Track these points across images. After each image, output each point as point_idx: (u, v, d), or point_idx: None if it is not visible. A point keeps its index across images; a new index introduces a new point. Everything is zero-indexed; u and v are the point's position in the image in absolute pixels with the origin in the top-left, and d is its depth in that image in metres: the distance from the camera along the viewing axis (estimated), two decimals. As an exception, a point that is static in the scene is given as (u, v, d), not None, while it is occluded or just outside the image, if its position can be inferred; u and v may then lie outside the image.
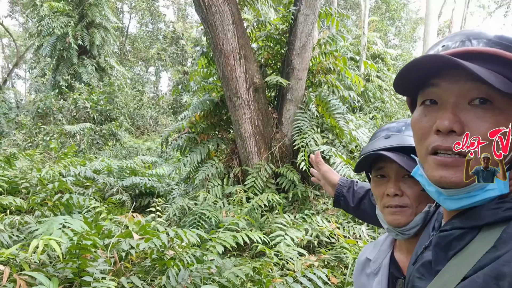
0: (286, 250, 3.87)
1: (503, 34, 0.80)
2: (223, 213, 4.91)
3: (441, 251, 0.81)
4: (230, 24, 5.48)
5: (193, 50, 20.10)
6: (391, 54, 14.33)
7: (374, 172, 1.24)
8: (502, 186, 0.74)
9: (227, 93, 5.73)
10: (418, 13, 29.00)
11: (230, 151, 6.30)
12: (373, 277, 1.30)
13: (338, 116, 5.67)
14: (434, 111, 0.79)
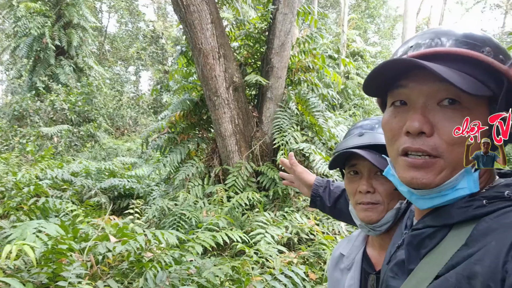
0: (266, 248, 3.87)
1: (471, 32, 0.80)
2: (203, 213, 4.89)
3: (413, 250, 0.82)
4: (209, 23, 5.45)
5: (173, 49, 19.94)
6: (370, 52, 14.49)
7: (348, 169, 1.25)
8: (472, 185, 0.76)
9: (207, 92, 5.70)
10: (397, 10, 29.37)
11: (210, 151, 6.27)
12: (346, 272, 1.32)
13: (318, 113, 5.71)
14: (404, 112, 0.79)
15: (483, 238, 0.67)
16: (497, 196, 0.73)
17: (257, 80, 5.67)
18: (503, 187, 0.75)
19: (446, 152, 0.74)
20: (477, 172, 0.76)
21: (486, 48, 0.76)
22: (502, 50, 0.78)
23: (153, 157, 9.59)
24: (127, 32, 28.23)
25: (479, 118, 0.73)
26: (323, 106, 5.85)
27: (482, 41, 0.78)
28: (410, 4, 14.90)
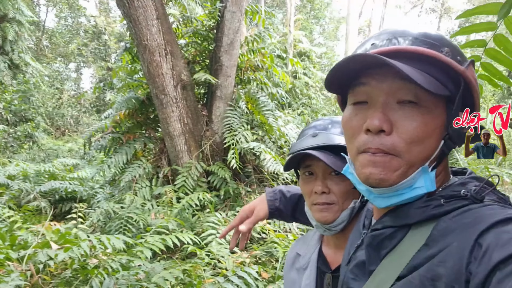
0: (218, 249, 3.82)
1: (426, 31, 0.80)
2: (151, 216, 4.73)
3: (373, 251, 0.81)
4: (155, 19, 5.28)
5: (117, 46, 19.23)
6: (316, 52, 14.80)
7: (302, 170, 1.24)
8: (429, 184, 0.76)
9: (154, 90, 5.52)
10: (340, 12, 30.32)
11: (158, 151, 6.09)
12: (302, 271, 1.31)
13: (267, 112, 5.72)
14: (364, 110, 0.78)
15: (443, 239, 0.67)
16: (454, 195, 0.73)
17: (206, 78, 5.58)
18: (458, 186, 0.76)
19: (404, 151, 0.74)
20: (433, 171, 0.77)
21: (445, 48, 0.76)
22: (459, 51, 0.79)
23: (97, 158, 9.18)
24: (67, 27, 26.85)
25: (437, 118, 0.75)
26: (272, 105, 5.88)
27: (441, 41, 0.78)
28: (353, 7, 15.42)
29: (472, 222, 0.65)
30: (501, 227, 0.61)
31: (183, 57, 5.86)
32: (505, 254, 0.55)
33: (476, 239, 0.61)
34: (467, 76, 0.76)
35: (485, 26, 1.69)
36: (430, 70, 0.74)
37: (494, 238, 0.59)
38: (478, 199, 0.71)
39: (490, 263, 0.56)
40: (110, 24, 22.31)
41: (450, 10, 28.27)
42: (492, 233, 0.60)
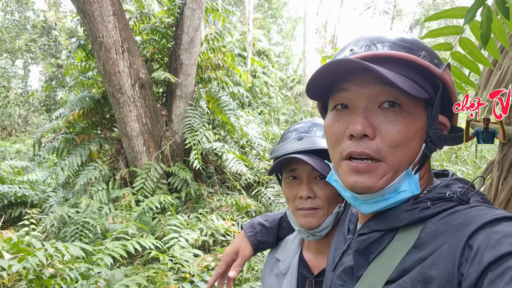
0: (181, 253, 3.71)
1: (403, 36, 0.81)
2: (109, 220, 4.54)
3: (361, 256, 0.81)
4: (111, 15, 5.06)
5: (68, 42, 18.42)
6: (274, 51, 14.88)
7: (286, 174, 1.21)
8: (414, 187, 0.76)
9: (110, 89, 5.30)
10: (297, 12, 30.70)
11: (115, 152, 5.87)
12: (282, 277, 1.28)
13: (229, 112, 5.65)
14: (346, 116, 0.79)
15: (433, 241, 0.68)
16: (439, 197, 0.74)
17: (166, 77, 5.42)
18: (443, 188, 0.77)
19: (388, 154, 0.74)
20: (417, 174, 0.78)
21: (422, 52, 0.78)
22: (435, 55, 0.81)
23: (48, 160, 8.73)
24: (13, 22, 25.39)
25: (418, 121, 0.76)
26: (234, 104, 5.81)
27: (418, 45, 0.79)
28: (310, 7, 15.63)
29: (462, 224, 0.65)
30: (490, 227, 0.61)
31: (140, 54, 5.67)
32: (496, 255, 0.55)
33: (466, 241, 0.61)
34: (444, 79, 0.78)
35: (452, 29, 1.72)
36: (408, 73, 0.75)
37: (484, 239, 0.59)
38: (464, 201, 0.72)
39: (481, 264, 0.56)
40: (61, 19, 21.32)
41: (402, 12, 29.37)
42: (482, 234, 0.60)
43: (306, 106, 12.16)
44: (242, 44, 10.26)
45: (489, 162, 2.18)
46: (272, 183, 5.68)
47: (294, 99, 13.20)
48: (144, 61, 5.70)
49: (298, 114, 10.26)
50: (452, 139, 0.81)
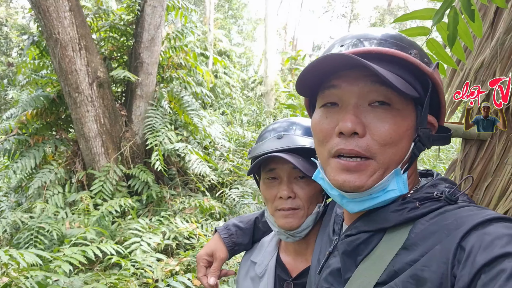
0: (143, 258, 3.60)
1: (393, 34, 0.80)
2: (66, 225, 4.33)
3: (348, 258, 0.79)
4: (67, 10, 4.84)
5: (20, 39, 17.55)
6: (235, 52, 14.85)
7: (265, 174, 1.18)
8: (402, 187, 0.75)
9: (66, 88, 5.06)
10: (257, 14, 30.81)
11: (71, 154, 5.62)
12: (258, 280, 1.25)
13: (192, 112, 5.56)
14: (335, 113, 0.77)
15: (423, 242, 0.67)
16: (427, 197, 0.74)
17: (126, 76, 5.25)
18: (430, 188, 0.77)
19: (378, 153, 0.73)
20: (405, 173, 0.77)
21: (413, 50, 0.77)
22: (425, 54, 0.80)
23: (-2, 162, 8.24)
24: (-43, 16, 23.87)
25: (408, 119, 0.75)
26: (197, 104, 5.72)
27: (409, 44, 0.79)
28: (270, 8, 15.72)
29: (453, 224, 0.64)
30: (482, 229, 0.61)
31: (99, 52, 5.47)
32: (489, 257, 0.55)
33: (459, 242, 0.61)
34: (434, 78, 0.77)
35: (419, 30, 1.75)
36: (399, 71, 0.74)
37: (476, 240, 0.59)
38: (452, 200, 0.71)
39: (474, 266, 0.56)
40: (12, 15, 20.26)
41: (358, 16, 30.20)
42: (474, 236, 0.60)
43: (268, 107, 12.21)
44: (203, 44, 10.15)
45: (452, 161, 2.24)
46: (236, 184, 5.63)
47: (256, 100, 13.23)
48: (102, 59, 5.50)
49: (261, 115, 10.28)
50: (440, 139, 0.82)
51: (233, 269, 1.45)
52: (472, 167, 1.98)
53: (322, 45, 30.39)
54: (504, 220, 0.62)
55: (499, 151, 1.75)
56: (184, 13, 6.25)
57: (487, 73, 1.76)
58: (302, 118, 1.23)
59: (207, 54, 6.74)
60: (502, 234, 0.57)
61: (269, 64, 13.81)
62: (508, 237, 0.57)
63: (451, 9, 1.45)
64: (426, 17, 1.66)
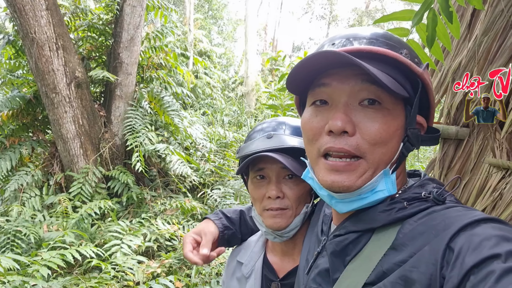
0: (124, 260, 3.55)
1: (384, 33, 0.79)
2: (44, 228, 4.24)
3: (337, 258, 0.79)
4: (44, 9, 4.73)
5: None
6: (216, 52, 14.79)
7: (253, 173, 1.17)
8: (391, 187, 0.75)
9: (43, 88, 4.95)
10: (237, 14, 30.76)
11: (49, 155, 5.49)
12: (244, 280, 1.25)
13: (173, 113, 5.51)
14: (325, 111, 0.76)
15: (412, 242, 0.66)
16: (415, 198, 0.73)
17: (105, 76, 5.17)
18: (418, 188, 0.77)
19: (368, 152, 0.73)
20: (394, 174, 0.76)
21: (404, 50, 0.76)
22: (415, 54, 0.80)
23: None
24: None
25: (397, 119, 0.75)
26: (177, 105, 5.67)
27: (399, 43, 0.78)
28: (250, 9, 15.73)
29: (441, 225, 0.64)
30: (470, 230, 0.60)
31: (77, 52, 5.37)
32: (477, 258, 0.55)
33: (447, 243, 0.60)
34: (425, 78, 0.77)
35: (399, 31, 1.78)
36: (389, 71, 0.74)
37: (465, 241, 0.59)
38: (440, 201, 0.71)
39: (463, 268, 0.56)
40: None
41: (337, 17, 30.50)
42: (463, 237, 0.60)
43: (249, 107, 12.20)
44: (183, 44, 10.08)
45: (431, 160, 2.29)
46: (218, 185, 5.61)
47: (237, 100, 13.21)
48: (80, 59, 5.40)
49: (242, 115, 10.26)
50: (429, 140, 0.82)
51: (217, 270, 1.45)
52: (450, 166, 2.03)
53: (302, 46, 30.59)
54: (492, 220, 0.62)
55: (476, 150, 1.80)
56: (164, 13, 6.19)
57: (465, 73, 1.81)
58: (291, 118, 1.23)
59: (187, 55, 6.68)
60: (490, 235, 0.57)
61: (250, 64, 13.81)
62: (496, 238, 0.57)
63: (430, 10, 1.48)
64: (406, 18, 1.70)
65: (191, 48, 10.86)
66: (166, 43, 6.32)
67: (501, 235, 0.57)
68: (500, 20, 1.54)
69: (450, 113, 2.02)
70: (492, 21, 1.57)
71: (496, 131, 1.63)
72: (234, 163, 6.46)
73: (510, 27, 1.50)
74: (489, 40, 1.61)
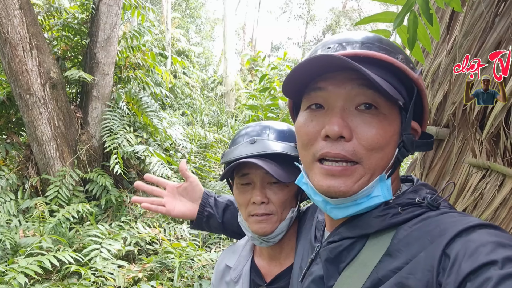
0: (104, 265, 3.48)
1: (380, 37, 0.79)
2: (20, 233, 4.11)
3: (331, 265, 0.78)
4: (17, 9, 4.59)
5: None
6: (194, 52, 14.68)
7: (238, 179, 1.16)
8: (386, 193, 0.75)
9: (17, 89, 4.81)
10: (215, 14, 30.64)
11: (23, 158, 5.34)
12: (233, 285, 1.24)
13: (151, 113, 5.43)
14: (321, 116, 0.75)
15: (407, 248, 0.66)
16: (409, 203, 0.73)
17: (81, 76, 5.05)
18: (412, 194, 0.76)
19: (365, 157, 0.72)
20: (389, 179, 0.76)
21: (400, 55, 0.76)
22: (410, 59, 0.80)
23: None
24: None
25: (393, 124, 0.74)
26: (156, 105, 5.59)
27: (395, 48, 0.78)
28: (228, 8, 15.68)
29: (437, 231, 0.64)
30: (465, 236, 0.60)
31: (51, 52, 5.23)
32: (474, 265, 0.55)
33: (443, 249, 0.60)
34: (420, 84, 0.77)
35: (380, 33, 1.80)
36: (385, 76, 0.73)
37: (461, 247, 0.58)
38: (434, 206, 0.71)
39: (459, 275, 0.55)
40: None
41: (315, 17, 30.73)
42: (459, 243, 0.60)
43: (229, 107, 12.16)
44: (161, 43, 9.95)
45: (412, 161, 2.32)
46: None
47: (217, 100, 13.15)
48: (55, 59, 5.27)
49: (222, 115, 10.21)
50: (423, 145, 0.81)
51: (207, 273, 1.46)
52: (431, 166, 2.06)
53: (281, 45, 30.69)
54: (487, 226, 0.62)
55: (457, 150, 1.83)
56: (141, 12, 6.10)
57: (445, 75, 1.84)
58: (275, 122, 1.22)
59: (165, 54, 6.60)
60: (486, 241, 0.57)
61: (229, 64, 13.76)
62: (492, 244, 0.57)
63: (411, 12, 1.49)
64: (387, 20, 1.71)
65: (169, 47, 10.74)
66: (143, 42, 6.21)
67: (497, 241, 0.57)
68: (480, 22, 1.57)
69: (430, 114, 2.05)
70: (473, 23, 1.60)
71: (476, 132, 1.67)
72: (215, 164, 6.42)
73: (489, 29, 1.53)
74: (469, 42, 1.63)
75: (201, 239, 4.51)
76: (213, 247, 4.53)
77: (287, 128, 1.19)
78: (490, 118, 1.46)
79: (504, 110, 1.41)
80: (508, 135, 1.40)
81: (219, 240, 4.60)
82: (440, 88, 1.89)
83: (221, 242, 4.57)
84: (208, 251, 4.27)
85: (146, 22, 6.21)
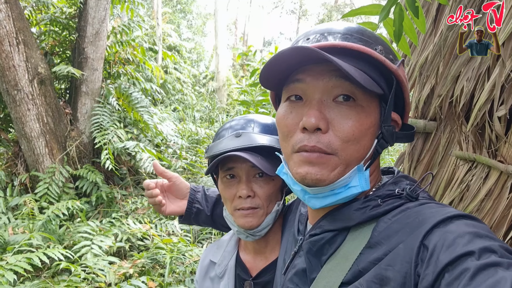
0: (95, 262, 3.46)
1: (359, 28, 0.78)
2: (9, 231, 4.07)
3: (313, 257, 0.78)
4: (3, 3, 4.53)
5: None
6: (185, 47, 14.59)
7: (223, 173, 1.15)
8: (364, 183, 0.75)
9: (4, 85, 4.75)
10: (206, 8, 30.50)
11: (12, 155, 5.29)
12: (218, 280, 1.24)
13: (142, 109, 5.39)
14: (300, 108, 0.75)
15: (387, 240, 0.66)
16: (389, 195, 0.74)
17: (69, 71, 5.00)
18: (392, 185, 0.77)
19: (340, 149, 0.72)
20: (367, 170, 0.76)
21: (379, 47, 0.76)
22: (390, 50, 0.79)
23: None
24: None
25: (371, 116, 0.74)
26: (147, 101, 5.56)
27: (375, 39, 0.78)
28: (220, 3, 15.59)
29: (415, 222, 0.64)
30: (443, 227, 0.61)
31: (39, 47, 5.17)
32: (452, 256, 0.55)
33: (421, 241, 0.60)
34: (399, 75, 0.77)
35: (367, 26, 1.79)
36: (364, 67, 0.73)
37: (439, 239, 0.59)
38: (413, 197, 0.72)
39: (437, 265, 0.56)
40: None
41: (307, 12, 30.70)
42: (437, 234, 0.60)
43: (221, 103, 12.13)
44: (151, 38, 9.88)
45: (400, 154, 2.33)
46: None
47: (209, 95, 13.10)
48: (43, 54, 5.21)
49: (214, 111, 10.18)
50: (404, 137, 0.82)
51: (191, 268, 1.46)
52: (419, 159, 2.06)
53: (273, 40, 30.65)
54: (465, 217, 0.63)
55: (444, 143, 1.83)
56: (130, 7, 6.04)
57: (431, 68, 1.84)
58: (260, 116, 1.22)
59: (156, 49, 6.56)
60: (463, 232, 0.58)
61: (221, 59, 13.71)
62: (469, 235, 0.57)
63: (396, 5, 1.49)
64: (373, 12, 1.70)
65: (159, 42, 10.65)
66: (133, 37, 6.16)
67: (474, 232, 0.58)
68: (465, 15, 1.57)
69: (418, 107, 2.05)
70: (458, 16, 1.60)
71: (462, 124, 1.67)
72: (206, 160, 6.39)
73: (474, 22, 1.53)
74: (454, 35, 1.64)
75: (193, 235, 4.50)
76: (204, 242, 4.53)
77: (272, 122, 1.19)
78: (475, 110, 1.46)
79: (488, 102, 1.41)
80: (492, 127, 1.41)
81: (211, 236, 4.60)
82: (427, 81, 1.90)
83: (213, 237, 4.56)
84: (199, 247, 4.26)
85: (136, 17, 6.14)
